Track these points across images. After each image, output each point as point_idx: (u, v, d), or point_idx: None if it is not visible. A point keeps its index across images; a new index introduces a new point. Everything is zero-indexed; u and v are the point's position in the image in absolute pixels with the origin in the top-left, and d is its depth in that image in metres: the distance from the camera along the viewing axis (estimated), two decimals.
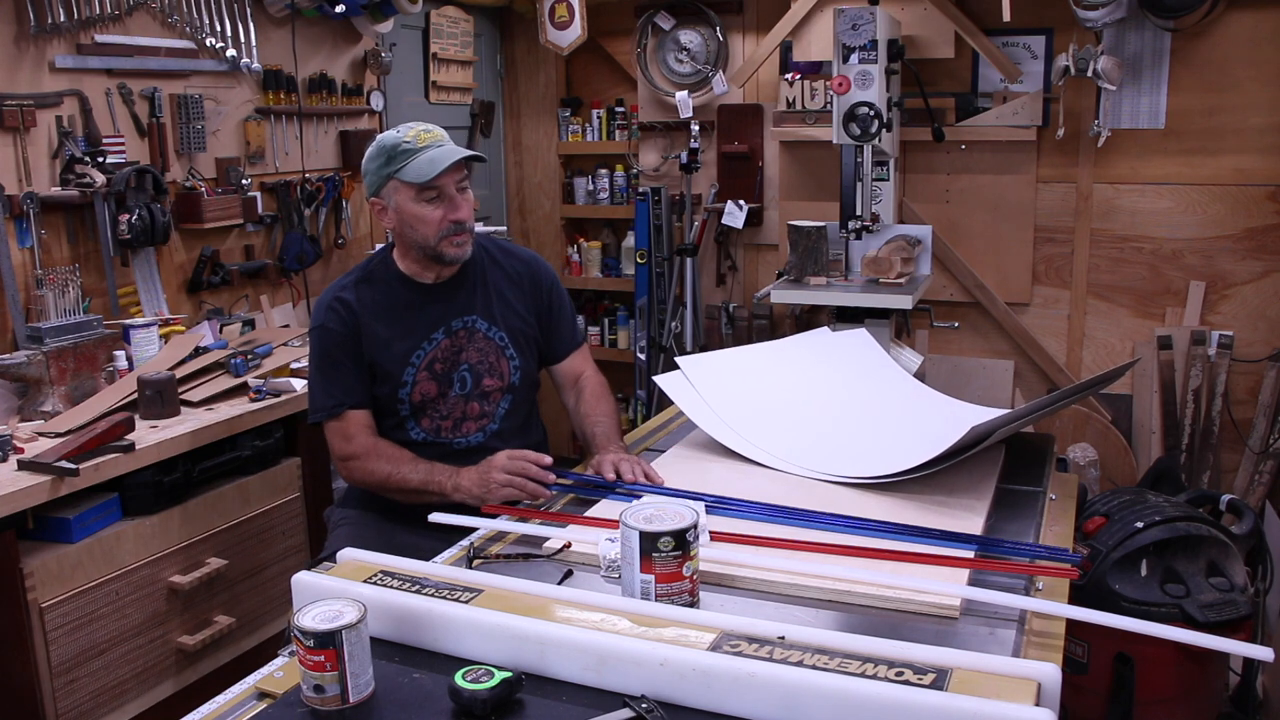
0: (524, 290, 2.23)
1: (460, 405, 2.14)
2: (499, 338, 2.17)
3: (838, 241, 3.65)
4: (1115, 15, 3.52)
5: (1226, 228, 3.79)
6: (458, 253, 2.08)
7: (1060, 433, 3.95)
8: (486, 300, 2.18)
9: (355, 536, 2.05)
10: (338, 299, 2.11)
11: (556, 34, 4.40)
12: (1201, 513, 2.56)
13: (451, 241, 2.06)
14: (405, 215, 2.05)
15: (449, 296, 2.15)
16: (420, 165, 1.99)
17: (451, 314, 2.14)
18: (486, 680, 1.17)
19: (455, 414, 2.14)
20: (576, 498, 1.92)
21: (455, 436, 2.14)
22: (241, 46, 3.31)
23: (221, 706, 1.24)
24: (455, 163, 2.01)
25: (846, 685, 1.11)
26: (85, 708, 2.26)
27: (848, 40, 3.48)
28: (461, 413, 2.15)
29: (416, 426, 2.14)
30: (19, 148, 2.70)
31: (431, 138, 2.03)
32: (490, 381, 2.16)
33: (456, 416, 2.15)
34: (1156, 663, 2.35)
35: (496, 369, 2.17)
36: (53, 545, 2.21)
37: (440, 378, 2.12)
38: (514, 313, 2.20)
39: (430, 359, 2.11)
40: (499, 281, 2.21)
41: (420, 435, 2.14)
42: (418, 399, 2.11)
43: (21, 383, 2.52)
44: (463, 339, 2.14)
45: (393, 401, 2.11)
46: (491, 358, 2.16)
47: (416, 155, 2.00)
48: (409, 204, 2.03)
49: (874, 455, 1.94)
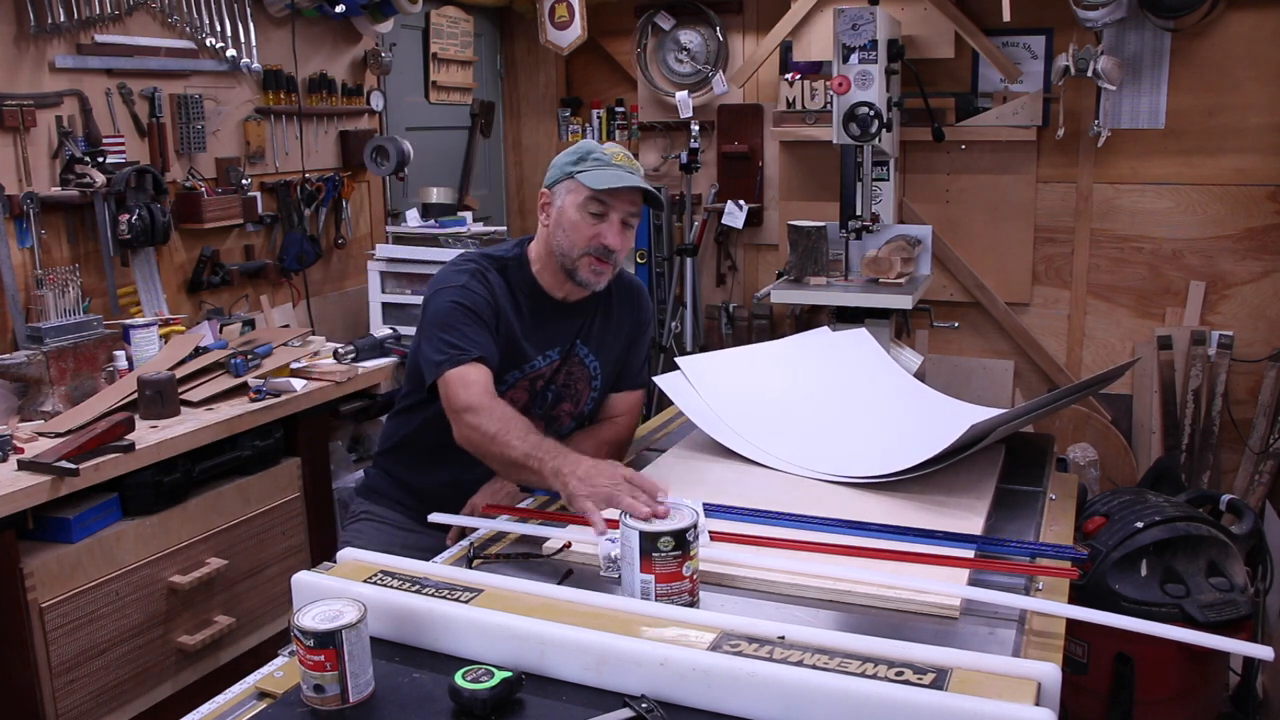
0: (627, 321, 2.16)
1: (528, 417, 2.07)
2: (594, 368, 2.12)
3: (838, 241, 3.66)
4: (1115, 15, 3.53)
5: (1226, 228, 3.79)
6: (592, 279, 1.99)
7: (1060, 433, 3.95)
8: (602, 329, 2.12)
9: (374, 530, 2.07)
10: (481, 271, 2.01)
11: (556, 34, 4.40)
12: (1201, 513, 2.56)
13: (591, 266, 1.98)
14: (564, 217, 1.98)
15: (573, 319, 2.08)
16: (604, 175, 1.94)
17: (572, 335, 2.08)
18: (486, 680, 1.17)
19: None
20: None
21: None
22: (241, 46, 3.31)
23: (221, 706, 1.24)
24: (632, 192, 1.95)
25: (846, 685, 1.11)
26: (85, 708, 2.26)
27: (848, 40, 3.48)
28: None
29: None
30: (19, 148, 2.70)
31: (627, 163, 1.99)
32: (566, 406, 2.11)
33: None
34: (1156, 663, 2.35)
35: (577, 396, 2.12)
36: (53, 545, 2.21)
37: (535, 394, 2.07)
38: (614, 344, 2.14)
39: (537, 374, 2.06)
40: (615, 314, 2.14)
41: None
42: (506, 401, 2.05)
43: (21, 383, 2.52)
44: (573, 363, 2.09)
45: None
46: (580, 385, 2.11)
47: (606, 167, 1.96)
48: (573, 208, 1.97)
49: (874, 455, 1.94)
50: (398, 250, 3.61)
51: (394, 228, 3.74)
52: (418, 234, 3.65)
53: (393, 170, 3.77)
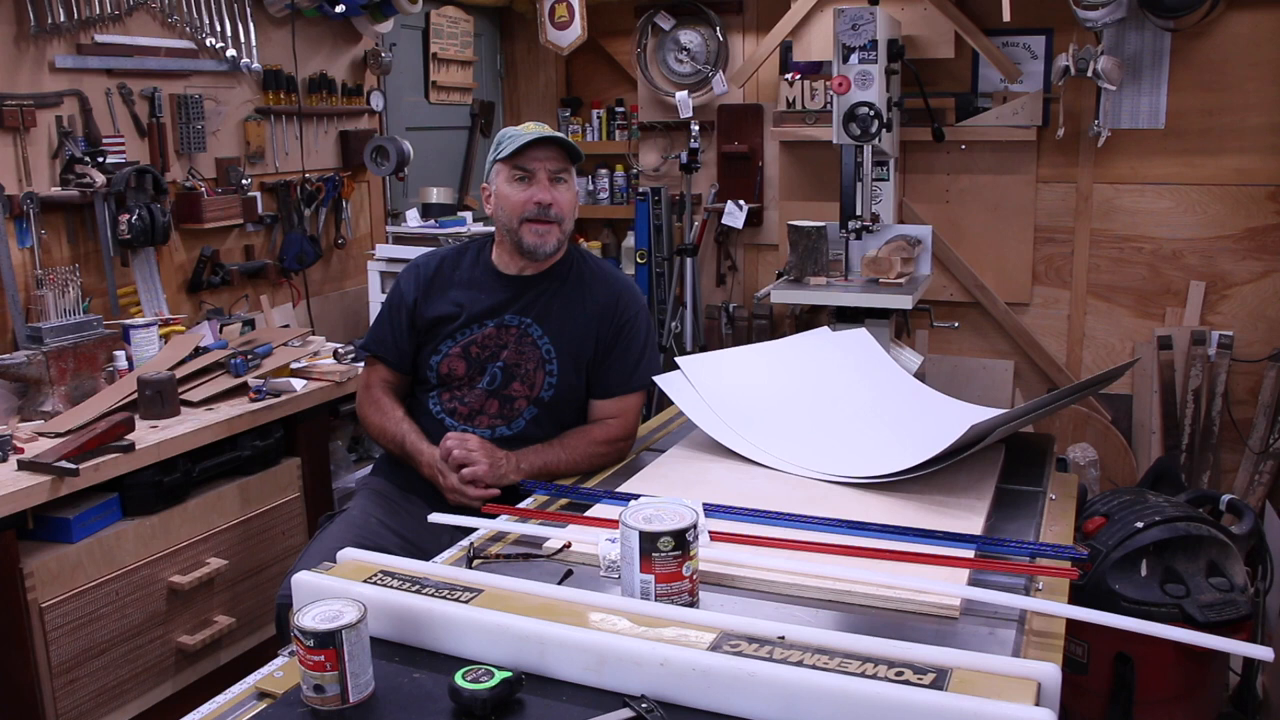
0: (598, 314, 2.17)
1: (482, 398, 2.14)
2: (546, 349, 2.14)
3: (838, 241, 3.66)
4: (1115, 15, 3.52)
5: (1226, 228, 3.79)
6: (536, 241, 2.10)
7: (1060, 433, 3.95)
8: (552, 309, 2.16)
9: (374, 501, 2.16)
10: (419, 265, 2.25)
11: (556, 34, 4.40)
12: (1201, 513, 2.56)
13: (532, 228, 2.09)
14: (498, 196, 2.14)
15: (519, 291, 2.17)
16: (516, 141, 2.08)
17: (511, 308, 2.16)
18: (486, 680, 1.17)
19: (475, 404, 2.14)
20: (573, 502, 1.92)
21: (465, 424, 2.14)
22: (241, 46, 3.31)
23: (221, 706, 1.24)
24: (548, 147, 2.08)
25: (846, 685, 1.11)
26: (85, 708, 2.26)
27: (848, 40, 3.48)
28: (480, 406, 2.14)
29: (438, 400, 2.17)
30: (19, 148, 2.70)
31: (538, 129, 2.10)
32: (518, 387, 2.14)
33: (475, 407, 2.14)
34: (1156, 663, 2.35)
35: (530, 378, 2.14)
36: (53, 545, 2.21)
37: (472, 362, 2.14)
38: (577, 332, 2.16)
39: (470, 341, 2.14)
40: (577, 297, 2.18)
41: (438, 410, 2.16)
42: (444, 371, 2.15)
43: (21, 383, 2.52)
44: (510, 336, 2.14)
45: (425, 368, 2.18)
46: (530, 365, 2.14)
47: (518, 138, 2.09)
48: (503, 185, 2.12)
49: (874, 455, 1.94)
50: (398, 250, 3.61)
51: (394, 228, 3.74)
52: (418, 234, 3.65)
53: (393, 170, 3.77)
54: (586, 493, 1.91)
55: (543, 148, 2.09)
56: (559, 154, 2.11)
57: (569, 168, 2.14)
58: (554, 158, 2.10)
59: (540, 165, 2.09)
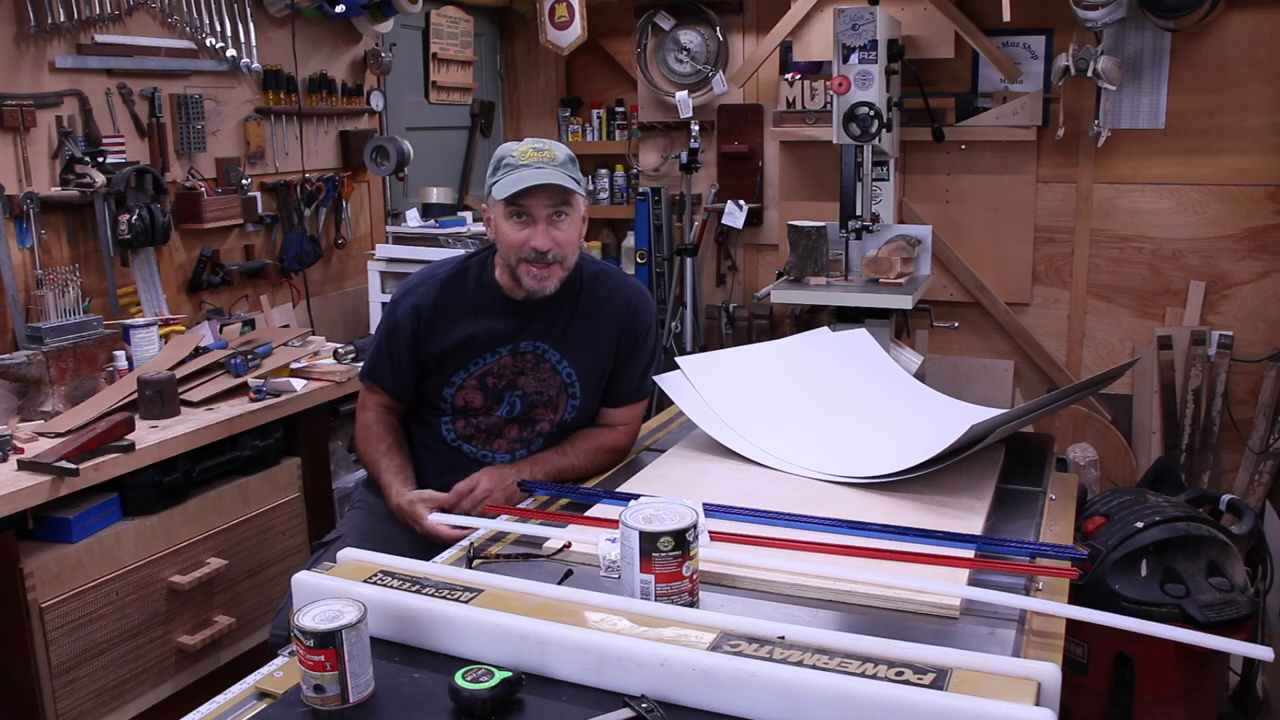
0: (614, 329, 2.10)
1: (500, 424, 2.08)
2: (567, 374, 2.08)
3: (838, 241, 3.66)
4: (1115, 15, 3.53)
5: (1226, 228, 3.79)
6: (534, 285, 1.98)
7: (1060, 433, 3.95)
8: (568, 330, 2.07)
9: (365, 521, 2.10)
10: (415, 293, 2.07)
11: (556, 34, 4.40)
12: (1201, 513, 2.56)
13: (530, 271, 1.96)
14: (497, 229, 2.00)
15: (530, 316, 2.06)
16: (511, 180, 1.93)
17: (524, 334, 2.05)
18: (486, 680, 1.17)
19: (493, 429, 2.08)
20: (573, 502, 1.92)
21: (484, 449, 2.09)
22: (241, 46, 3.31)
23: (221, 706, 1.24)
24: (547, 189, 1.92)
25: (846, 685, 1.11)
26: (85, 708, 2.26)
27: (848, 40, 3.48)
28: (499, 430, 2.09)
29: (451, 426, 2.10)
30: (19, 148, 2.70)
31: (535, 157, 1.94)
32: (541, 412, 2.09)
33: (493, 432, 2.09)
34: (1156, 663, 2.35)
35: (553, 403, 2.09)
36: (53, 545, 2.21)
37: (489, 392, 2.06)
38: (595, 350, 2.09)
39: (484, 371, 2.05)
40: (593, 313, 2.09)
41: (451, 436, 2.10)
42: (460, 403, 2.07)
43: (21, 383, 2.52)
44: (526, 363, 2.06)
45: (437, 397, 2.08)
46: (551, 391, 2.08)
47: (514, 170, 1.94)
48: (500, 219, 1.98)
49: (874, 455, 1.94)
50: (398, 250, 3.61)
51: (394, 228, 3.74)
52: (418, 234, 3.65)
53: (393, 170, 3.77)
54: (586, 493, 1.91)
55: (540, 189, 1.94)
56: (557, 191, 1.95)
57: (570, 199, 1.97)
58: (552, 194, 1.95)
59: (536, 205, 1.94)
